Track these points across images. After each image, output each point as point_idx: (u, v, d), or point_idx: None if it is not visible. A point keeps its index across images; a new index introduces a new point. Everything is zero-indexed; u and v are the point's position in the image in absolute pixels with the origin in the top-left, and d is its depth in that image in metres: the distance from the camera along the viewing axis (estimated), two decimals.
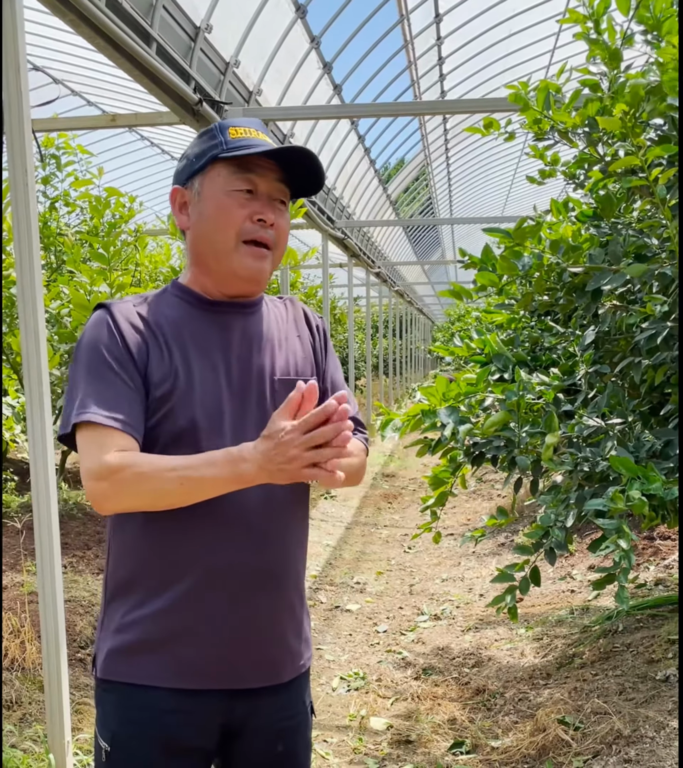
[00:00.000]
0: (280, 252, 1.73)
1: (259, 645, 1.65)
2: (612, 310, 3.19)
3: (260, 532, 1.63)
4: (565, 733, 3.39)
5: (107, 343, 1.59)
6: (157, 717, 1.61)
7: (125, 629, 1.64)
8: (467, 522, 8.29)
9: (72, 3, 3.54)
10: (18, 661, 3.98)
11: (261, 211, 1.65)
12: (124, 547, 1.67)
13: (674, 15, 2.87)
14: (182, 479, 1.50)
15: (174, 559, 1.61)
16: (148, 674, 1.62)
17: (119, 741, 1.63)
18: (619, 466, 2.45)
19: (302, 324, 1.83)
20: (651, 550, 5.77)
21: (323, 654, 4.82)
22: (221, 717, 1.65)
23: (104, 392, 1.56)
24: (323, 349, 1.84)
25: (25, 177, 3.03)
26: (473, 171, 17.16)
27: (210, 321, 1.69)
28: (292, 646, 1.71)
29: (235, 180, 1.65)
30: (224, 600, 1.61)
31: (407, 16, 8.52)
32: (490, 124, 3.31)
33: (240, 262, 1.65)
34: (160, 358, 1.61)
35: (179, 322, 1.67)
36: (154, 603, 1.61)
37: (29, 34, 6.81)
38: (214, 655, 1.61)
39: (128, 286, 6.51)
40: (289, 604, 1.69)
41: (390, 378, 22.46)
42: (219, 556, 1.60)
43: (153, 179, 13.43)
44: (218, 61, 5.69)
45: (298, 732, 1.75)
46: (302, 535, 1.76)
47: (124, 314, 1.63)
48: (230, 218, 1.64)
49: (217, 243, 1.66)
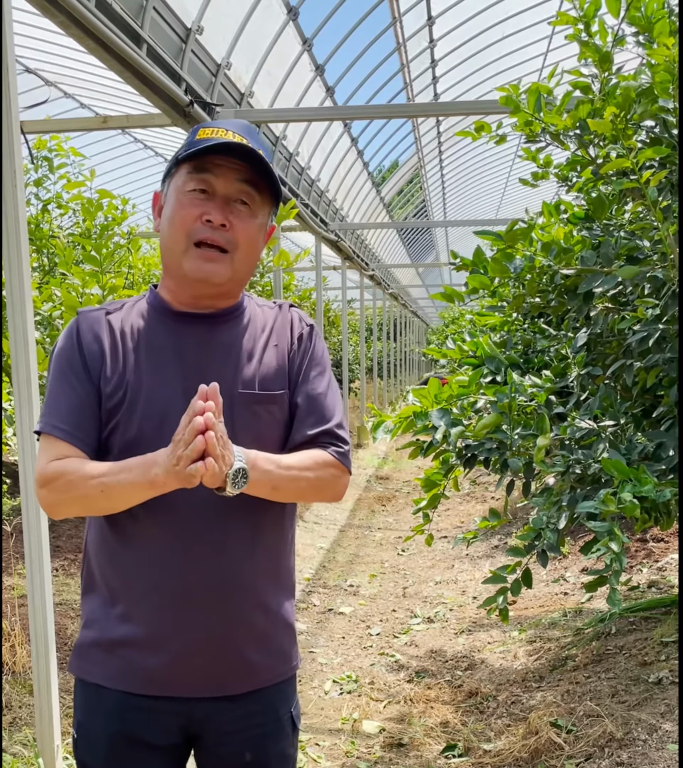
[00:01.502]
0: (243, 255, 1.65)
1: (207, 657, 1.62)
2: (604, 313, 3.19)
3: (208, 547, 1.61)
4: (558, 736, 3.38)
5: (68, 355, 1.65)
6: (118, 713, 1.64)
7: (89, 625, 1.68)
8: (461, 524, 8.28)
9: (61, 4, 3.52)
10: (8, 665, 3.96)
11: (210, 212, 1.60)
12: (91, 547, 1.70)
13: (665, 17, 2.87)
14: (101, 485, 1.53)
15: (126, 567, 1.63)
16: (105, 675, 1.65)
17: (83, 730, 1.68)
18: (611, 469, 2.44)
19: (284, 332, 1.75)
20: (644, 552, 5.77)
21: (316, 657, 4.81)
22: (180, 719, 1.65)
23: (58, 403, 1.61)
24: (301, 358, 1.74)
25: (14, 178, 3.01)
26: (467, 173, 17.16)
27: (171, 332, 1.67)
28: (249, 659, 1.66)
29: (190, 180, 1.62)
30: (173, 611, 1.60)
31: (399, 19, 8.52)
32: (481, 128, 3.30)
33: (190, 264, 1.62)
34: (114, 370, 1.63)
35: (141, 332, 1.67)
36: (114, 604, 1.64)
37: (21, 36, 6.80)
38: (163, 664, 1.61)
39: (121, 288, 6.48)
40: (244, 618, 1.65)
41: (384, 380, 22.47)
42: (166, 569, 1.60)
43: (146, 181, 13.39)
44: (209, 62, 5.68)
45: (267, 742, 1.71)
46: (267, 550, 1.69)
47: (91, 324, 1.67)
48: (181, 219, 1.62)
49: (171, 244, 1.64)
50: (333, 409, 1.73)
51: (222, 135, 1.62)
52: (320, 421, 1.69)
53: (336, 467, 1.69)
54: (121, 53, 4.07)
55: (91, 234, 7.03)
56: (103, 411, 1.62)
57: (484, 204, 21.12)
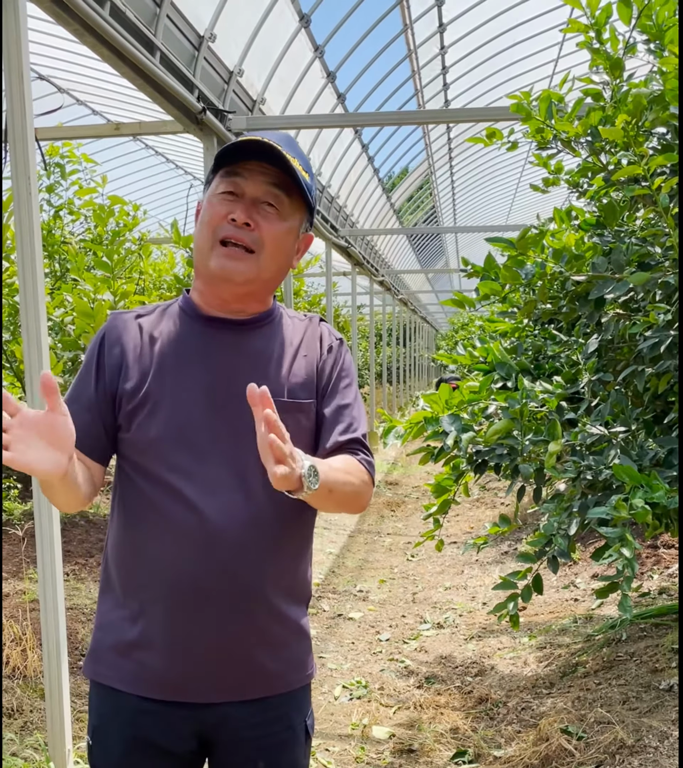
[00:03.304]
0: (268, 255, 1.65)
1: (221, 663, 1.63)
2: (615, 319, 3.18)
3: (227, 554, 1.60)
4: (568, 743, 3.37)
5: (89, 357, 1.70)
6: (132, 718, 1.64)
7: (104, 628, 1.69)
8: (471, 530, 8.27)
9: (76, 12, 3.54)
10: (19, 669, 3.98)
11: (235, 211, 1.62)
12: (110, 549, 1.71)
13: (676, 24, 2.87)
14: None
15: (142, 570, 1.64)
16: (120, 679, 1.65)
17: (98, 735, 1.68)
18: (622, 475, 2.44)
19: (314, 344, 1.76)
20: (654, 558, 5.75)
21: (326, 662, 4.81)
22: (194, 725, 1.66)
23: (70, 404, 1.59)
24: (330, 369, 1.76)
25: (28, 185, 3.04)
26: (477, 179, 17.16)
27: (199, 336, 1.68)
28: (264, 665, 1.67)
29: (221, 183, 1.65)
30: (187, 616, 1.61)
31: (410, 26, 8.53)
32: (493, 134, 3.31)
33: (215, 261, 1.64)
34: (136, 370, 1.65)
35: (170, 335, 1.69)
36: (129, 607, 1.65)
37: (35, 44, 6.84)
38: (177, 669, 1.62)
39: (132, 294, 6.52)
40: (260, 625, 1.65)
41: (394, 386, 22.45)
42: (182, 574, 1.60)
43: (158, 188, 13.44)
44: (222, 70, 5.70)
45: (281, 750, 1.71)
46: (287, 560, 1.69)
47: (119, 327, 1.70)
48: (209, 218, 1.65)
49: (200, 243, 1.67)
50: (360, 419, 1.76)
51: (257, 141, 1.63)
52: (348, 430, 1.72)
53: (368, 476, 1.71)
54: (135, 61, 4.09)
55: (103, 240, 7.06)
56: (123, 410, 1.64)
57: (494, 210, 21.10)
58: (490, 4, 8.60)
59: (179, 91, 4.65)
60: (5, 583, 5.11)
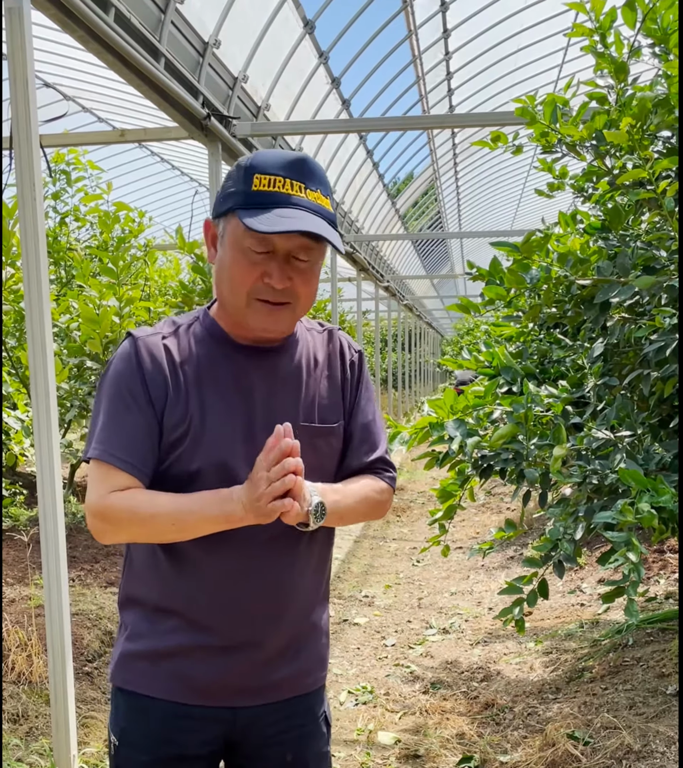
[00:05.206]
0: (303, 304, 1.64)
1: (259, 669, 1.68)
2: (620, 323, 3.18)
3: (264, 565, 1.65)
4: (575, 748, 3.36)
5: (128, 381, 1.61)
6: (163, 722, 1.66)
7: (134, 638, 1.69)
8: (476, 535, 8.25)
9: (81, 19, 3.56)
10: (25, 674, 3.98)
11: (271, 274, 1.57)
12: (138, 561, 1.71)
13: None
14: (173, 519, 1.55)
15: (181, 588, 1.65)
16: (153, 686, 1.67)
17: (127, 737, 1.70)
18: (628, 479, 2.43)
19: (335, 361, 1.78)
20: (661, 563, 5.74)
21: (331, 668, 4.80)
22: (224, 728, 1.70)
23: (117, 430, 1.58)
24: (355, 388, 1.79)
25: (33, 192, 3.05)
26: (482, 184, 17.16)
27: (234, 364, 1.67)
28: (300, 668, 1.74)
29: (249, 237, 1.56)
30: (226, 628, 1.65)
31: (415, 31, 8.54)
32: (498, 138, 3.31)
33: (253, 317, 1.62)
34: (176, 401, 1.61)
35: (203, 362, 1.65)
36: (162, 621, 1.66)
37: (40, 51, 6.87)
38: (214, 677, 1.65)
39: (138, 300, 6.54)
40: (299, 634, 1.73)
41: (399, 391, 22.45)
42: (222, 587, 1.63)
43: (163, 194, 13.48)
44: (226, 76, 5.72)
45: (307, 741, 1.77)
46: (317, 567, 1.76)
47: (150, 349, 1.63)
48: (241, 277, 1.59)
49: (231, 297, 1.63)
50: (381, 434, 1.82)
51: (279, 187, 1.56)
52: (372, 449, 1.79)
53: (389, 492, 1.80)
54: (139, 67, 4.10)
55: (108, 246, 7.09)
56: (163, 442, 1.61)
57: (499, 215, 21.10)
58: (494, 9, 8.61)
59: (184, 97, 4.66)
60: (11, 589, 5.11)
